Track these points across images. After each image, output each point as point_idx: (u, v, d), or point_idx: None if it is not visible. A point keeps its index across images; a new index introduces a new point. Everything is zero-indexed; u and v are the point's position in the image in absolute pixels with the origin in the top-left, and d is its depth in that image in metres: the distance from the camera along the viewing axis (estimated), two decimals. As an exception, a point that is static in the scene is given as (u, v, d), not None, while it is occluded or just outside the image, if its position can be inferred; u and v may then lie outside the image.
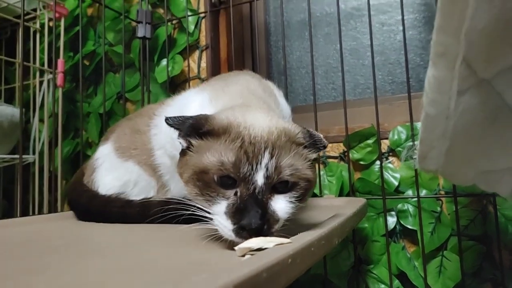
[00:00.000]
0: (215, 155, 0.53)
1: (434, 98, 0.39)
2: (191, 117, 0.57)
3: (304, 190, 0.57)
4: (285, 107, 0.87)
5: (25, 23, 1.54)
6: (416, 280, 1.07)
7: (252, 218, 0.50)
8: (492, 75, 0.36)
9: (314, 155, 0.59)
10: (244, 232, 0.50)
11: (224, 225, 0.52)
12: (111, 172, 0.90)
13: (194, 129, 0.56)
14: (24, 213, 1.49)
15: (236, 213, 0.51)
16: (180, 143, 0.59)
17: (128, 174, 0.87)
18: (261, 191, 0.52)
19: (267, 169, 0.52)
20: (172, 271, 0.44)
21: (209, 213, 0.54)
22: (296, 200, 0.55)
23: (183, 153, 0.59)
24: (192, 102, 0.74)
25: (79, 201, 0.91)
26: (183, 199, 0.62)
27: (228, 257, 0.50)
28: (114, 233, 0.75)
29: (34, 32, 1.58)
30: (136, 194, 0.87)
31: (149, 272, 0.43)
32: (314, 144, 0.58)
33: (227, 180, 0.53)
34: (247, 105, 0.68)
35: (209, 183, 0.53)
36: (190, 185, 0.56)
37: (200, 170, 0.54)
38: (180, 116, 0.58)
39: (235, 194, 0.53)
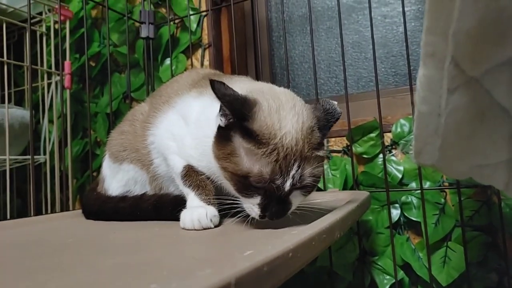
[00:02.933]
0: (255, 166, 0.63)
1: (426, 96, 0.40)
2: (239, 95, 0.64)
3: (315, 185, 0.69)
4: None
5: (32, 27, 1.57)
6: (420, 270, 1.09)
7: (275, 214, 0.65)
8: (480, 73, 0.37)
9: (324, 151, 0.70)
10: (272, 216, 0.65)
11: (253, 210, 0.66)
12: (114, 177, 0.97)
13: (240, 113, 0.63)
14: (38, 211, 1.53)
15: (265, 207, 0.64)
16: (221, 120, 0.66)
17: (126, 174, 0.93)
18: (286, 194, 0.65)
19: (293, 178, 0.64)
20: (178, 267, 0.46)
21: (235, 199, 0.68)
22: (308, 193, 0.68)
23: (223, 134, 0.66)
24: (193, 108, 0.76)
25: (93, 207, 0.96)
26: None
27: (231, 253, 0.52)
28: (124, 231, 0.77)
29: (41, 35, 1.61)
30: (140, 190, 0.92)
31: (157, 269, 0.45)
32: (328, 123, 0.69)
33: (263, 184, 0.64)
34: (274, 91, 0.73)
35: (247, 185, 0.65)
36: (227, 176, 0.66)
37: (243, 174, 0.64)
38: (228, 87, 0.64)
39: (265, 193, 0.64)
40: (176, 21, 1.51)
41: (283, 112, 0.66)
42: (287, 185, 0.63)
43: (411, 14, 1.44)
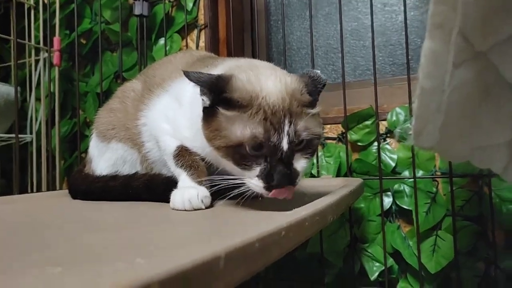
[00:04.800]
0: (246, 129, 0.61)
1: (430, 71, 0.39)
2: (212, 76, 0.64)
3: (316, 145, 0.68)
4: None
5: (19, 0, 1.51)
6: (410, 258, 1.09)
7: (282, 180, 0.61)
8: (488, 47, 0.35)
9: (318, 109, 0.68)
10: (272, 188, 0.61)
11: (256, 185, 0.62)
12: (101, 157, 0.94)
13: (217, 89, 0.63)
14: (22, 192, 1.50)
15: (268, 176, 0.62)
16: (203, 100, 0.65)
17: (114, 153, 0.90)
18: (287, 155, 0.62)
19: (289, 135, 0.61)
20: (167, 243, 0.44)
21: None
22: (309, 155, 0.66)
23: (207, 113, 0.65)
24: (187, 90, 0.73)
25: (80, 187, 0.93)
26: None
27: (222, 231, 0.50)
28: (112, 210, 0.75)
29: (29, 9, 1.56)
30: (128, 170, 0.89)
31: (144, 244, 0.43)
32: (316, 88, 0.68)
33: (259, 148, 0.62)
34: (254, 64, 0.73)
35: (244, 154, 0.62)
36: (222, 153, 0.64)
37: (236, 144, 0.62)
38: (201, 73, 0.64)
39: (266, 160, 0.62)
40: (171, -1, 1.47)
41: (263, 78, 0.66)
42: (285, 143, 0.61)
43: (410, 2, 1.42)
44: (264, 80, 0.65)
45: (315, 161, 1.20)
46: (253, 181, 0.62)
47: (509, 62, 0.35)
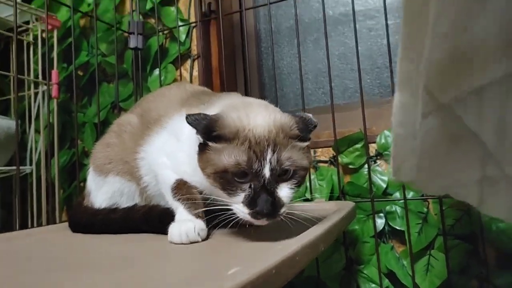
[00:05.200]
0: (231, 157, 0.65)
1: (401, 120, 0.43)
2: (205, 117, 0.69)
3: (302, 176, 0.70)
4: None
5: (18, 36, 1.56)
6: (404, 279, 1.11)
7: (264, 206, 0.64)
8: (450, 100, 0.39)
9: (306, 143, 0.71)
10: (258, 215, 0.64)
11: (242, 211, 0.65)
12: (99, 190, 0.97)
13: (208, 129, 0.68)
14: (23, 223, 1.52)
15: (251, 202, 0.65)
16: (198, 138, 0.70)
17: (112, 186, 0.93)
18: (269, 182, 0.65)
19: (271, 163, 0.65)
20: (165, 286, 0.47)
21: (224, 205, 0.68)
22: (295, 186, 0.69)
23: (202, 148, 0.71)
24: (184, 126, 0.77)
25: (81, 220, 0.96)
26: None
27: (216, 271, 0.53)
28: (112, 245, 0.78)
29: (28, 45, 1.61)
30: (126, 202, 0.92)
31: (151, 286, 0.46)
32: (306, 127, 0.71)
33: (243, 175, 0.65)
34: (248, 102, 0.78)
35: (229, 180, 0.66)
36: (211, 180, 0.69)
37: (221, 170, 0.66)
38: (197, 115, 0.70)
39: (250, 186, 0.65)
40: (165, 31, 1.53)
41: (252, 114, 0.70)
42: (266, 170, 0.64)
43: (394, 27, 1.48)
44: (254, 116, 0.70)
45: (308, 184, 1.23)
46: (238, 207, 0.66)
47: (472, 113, 0.39)
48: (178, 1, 1.50)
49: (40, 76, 1.53)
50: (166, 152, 0.82)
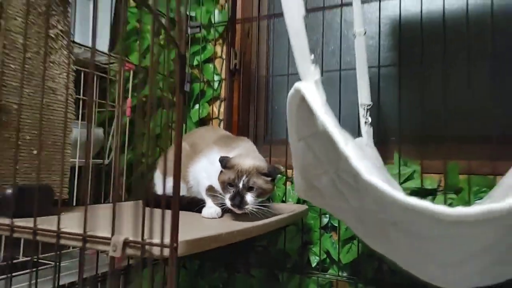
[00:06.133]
0: (227, 176, 1.31)
1: (295, 165, 1.16)
2: (225, 159, 1.37)
3: (259, 193, 1.31)
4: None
5: (105, 75, 2.35)
6: (335, 255, 1.84)
7: (236, 201, 1.27)
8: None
9: (271, 181, 1.36)
10: (232, 205, 1.28)
11: (228, 202, 1.29)
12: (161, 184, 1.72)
13: (224, 164, 1.36)
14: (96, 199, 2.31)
15: (232, 198, 1.28)
16: (222, 168, 1.37)
17: (169, 183, 1.67)
18: (241, 190, 1.29)
19: (243, 182, 1.29)
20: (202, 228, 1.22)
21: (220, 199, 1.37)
22: (255, 196, 1.31)
23: (221, 171, 1.37)
24: (215, 157, 1.51)
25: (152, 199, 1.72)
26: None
27: (222, 227, 1.28)
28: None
29: (110, 79, 2.39)
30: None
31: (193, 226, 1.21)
32: (274, 171, 1.35)
33: (231, 185, 1.30)
34: (246, 153, 1.48)
35: (225, 185, 1.31)
36: (220, 185, 1.34)
37: (223, 180, 1.32)
38: (223, 158, 1.38)
39: (233, 191, 1.29)
40: (205, 81, 2.28)
41: (243, 159, 1.35)
42: (240, 185, 1.27)
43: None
44: (243, 160, 1.35)
45: (286, 190, 1.97)
46: (226, 200, 1.30)
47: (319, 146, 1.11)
48: (214, 60, 2.25)
49: (121, 101, 2.31)
50: (205, 170, 1.58)
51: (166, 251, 0.92)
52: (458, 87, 1.82)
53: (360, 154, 0.86)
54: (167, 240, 0.94)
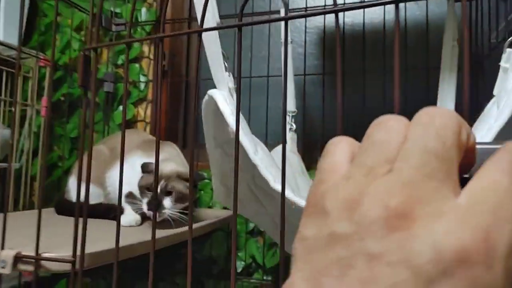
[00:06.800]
0: (145, 181, 1.28)
1: (213, 172, 1.14)
2: (145, 165, 1.32)
3: (178, 197, 1.26)
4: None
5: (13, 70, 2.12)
6: (259, 259, 1.86)
7: (151, 207, 1.21)
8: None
9: (193, 186, 1.36)
10: (149, 210, 1.23)
11: (145, 208, 1.25)
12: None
13: (144, 169, 1.31)
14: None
15: (148, 203, 1.23)
16: (142, 173, 1.32)
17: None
18: (159, 195, 1.24)
19: (161, 187, 1.25)
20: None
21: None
22: (175, 201, 1.25)
23: (141, 177, 1.32)
24: (137, 161, 1.44)
25: (65, 207, 1.59)
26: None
27: (138, 235, 1.21)
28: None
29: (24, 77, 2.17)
30: (93, 200, 1.55)
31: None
32: (196, 178, 1.35)
33: (148, 189, 1.26)
34: (169, 158, 1.43)
35: (143, 190, 1.28)
36: (139, 190, 1.30)
37: (142, 186, 1.28)
38: (144, 164, 1.33)
39: (150, 196, 1.25)
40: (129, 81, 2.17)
41: (164, 164, 1.29)
42: (159, 190, 1.22)
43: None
44: (164, 164, 1.29)
45: (212, 196, 1.94)
46: (144, 205, 1.25)
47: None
48: (141, 60, 2.16)
49: (34, 100, 2.10)
50: (124, 175, 1.49)
51: (65, 266, 0.84)
52: (374, 95, 1.95)
53: (269, 162, 0.87)
54: (67, 253, 0.86)
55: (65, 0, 2.02)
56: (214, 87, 0.92)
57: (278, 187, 0.80)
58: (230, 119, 0.87)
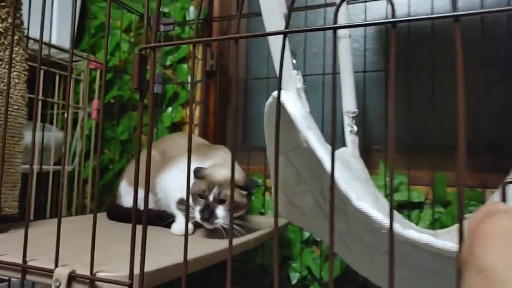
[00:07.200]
0: (196, 187, 1.19)
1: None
2: (198, 170, 1.25)
3: (237, 206, 1.20)
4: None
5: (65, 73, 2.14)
6: (316, 271, 1.72)
7: (205, 215, 1.14)
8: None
9: (247, 195, 1.24)
10: (203, 219, 1.14)
11: (197, 215, 1.16)
12: (127, 195, 1.56)
13: (196, 174, 1.24)
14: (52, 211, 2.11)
15: (201, 211, 1.15)
16: (194, 178, 1.24)
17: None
18: (212, 203, 1.16)
19: (214, 194, 1.17)
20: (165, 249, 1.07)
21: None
22: (227, 210, 1.14)
23: (193, 183, 1.23)
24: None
25: (117, 213, 1.56)
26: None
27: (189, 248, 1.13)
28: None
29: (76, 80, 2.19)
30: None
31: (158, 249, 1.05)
32: (251, 184, 1.25)
33: (201, 196, 1.18)
34: (221, 163, 1.34)
35: (195, 197, 1.18)
36: (191, 196, 1.17)
37: (194, 192, 1.19)
38: (196, 168, 1.25)
39: (202, 204, 1.16)
40: (178, 82, 2.12)
41: (217, 169, 1.24)
42: (211, 197, 1.15)
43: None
44: (217, 170, 1.24)
45: (264, 202, 1.84)
46: (196, 213, 1.16)
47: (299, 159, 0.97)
48: (189, 61, 2.09)
49: (86, 103, 2.11)
50: (176, 181, 1.42)
51: (121, 288, 0.77)
52: (447, 95, 1.74)
53: (348, 175, 0.74)
54: (124, 268, 0.79)
55: (115, 1, 2.00)
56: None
57: (361, 205, 0.67)
58: (301, 124, 0.75)
